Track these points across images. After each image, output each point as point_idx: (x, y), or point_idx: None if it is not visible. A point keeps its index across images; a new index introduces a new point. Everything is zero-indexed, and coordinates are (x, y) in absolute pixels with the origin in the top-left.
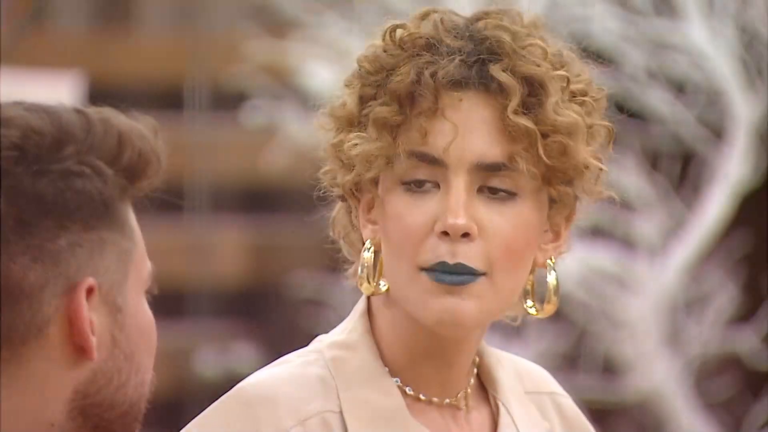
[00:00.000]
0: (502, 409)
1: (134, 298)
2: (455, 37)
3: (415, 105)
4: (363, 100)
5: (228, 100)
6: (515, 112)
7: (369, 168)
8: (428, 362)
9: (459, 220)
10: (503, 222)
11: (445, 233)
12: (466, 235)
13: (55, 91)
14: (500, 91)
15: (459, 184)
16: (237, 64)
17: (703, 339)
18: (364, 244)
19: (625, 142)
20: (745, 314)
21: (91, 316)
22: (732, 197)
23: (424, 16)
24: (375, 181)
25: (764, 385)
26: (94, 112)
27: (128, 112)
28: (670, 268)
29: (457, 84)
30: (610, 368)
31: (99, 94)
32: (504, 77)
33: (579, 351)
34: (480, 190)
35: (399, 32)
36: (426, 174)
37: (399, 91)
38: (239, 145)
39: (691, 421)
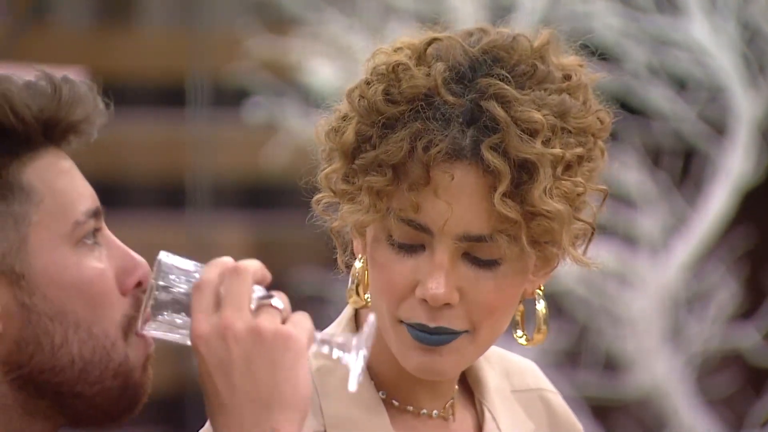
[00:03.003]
0: (486, 414)
1: (47, 256)
2: (454, 94)
3: (407, 174)
4: (359, 138)
5: (229, 97)
6: (502, 199)
7: (361, 230)
8: (414, 375)
9: (439, 291)
10: (486, 286)
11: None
12: (446, 304)
13: None
14: (490, 172)
15: (443, 252)
16: (238, 61)
17: (704, 336)
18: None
19: (626, 138)
20: (746, 311)
21: None
22: (733, 194)
23: (428, 45)
24: None
25: (766, 381)
26: None
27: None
28: (672, 264)
29: (450, 157)
30: (611, 365)
31: (101, 91)
32: (495, 161)
33: (580, 348)
34: (465, 255)
35: (401, 75)
36: (414, 238)
37: (392, 160)
38: (241, 142)
39: (692, 417)
